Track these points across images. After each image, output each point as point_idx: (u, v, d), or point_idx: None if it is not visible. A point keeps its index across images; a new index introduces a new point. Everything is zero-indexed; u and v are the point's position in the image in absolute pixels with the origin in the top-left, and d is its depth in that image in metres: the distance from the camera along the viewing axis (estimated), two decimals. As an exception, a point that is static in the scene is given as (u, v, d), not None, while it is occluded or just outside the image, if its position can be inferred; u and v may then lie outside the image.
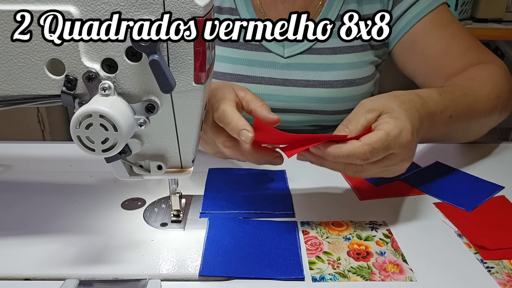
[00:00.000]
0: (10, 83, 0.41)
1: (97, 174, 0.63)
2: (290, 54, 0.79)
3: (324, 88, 0.79)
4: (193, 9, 0.38)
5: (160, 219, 0.54)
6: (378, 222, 0.55)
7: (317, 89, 0.78)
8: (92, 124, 0.38)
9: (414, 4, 0.77)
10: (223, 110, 0.52)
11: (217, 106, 0.53)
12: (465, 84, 0.67)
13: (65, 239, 0.50)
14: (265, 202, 0.58)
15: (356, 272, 0.47)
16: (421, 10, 0.77)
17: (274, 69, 0.79)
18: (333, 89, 0.79)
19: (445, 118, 0.60)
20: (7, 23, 0.39)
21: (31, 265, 0.46)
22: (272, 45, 0.79)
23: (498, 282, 0.46)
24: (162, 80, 0.38)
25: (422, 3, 0.77)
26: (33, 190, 0.60)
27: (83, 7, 0.38)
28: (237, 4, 0.79)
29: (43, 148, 0.73)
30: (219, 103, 0.53)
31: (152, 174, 0.48)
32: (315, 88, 0.78)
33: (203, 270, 0.46)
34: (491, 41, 2.02)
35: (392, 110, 0.51)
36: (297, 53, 0.79)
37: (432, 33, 0.77)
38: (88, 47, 0.40)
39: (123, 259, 0.47)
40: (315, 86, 0.79)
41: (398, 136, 0.49)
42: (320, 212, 0.57)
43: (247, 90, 0.57)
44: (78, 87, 0.41)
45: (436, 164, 0.69)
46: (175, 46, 0.40)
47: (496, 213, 0.57)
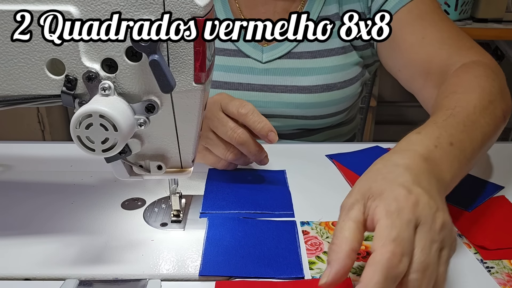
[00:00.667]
0: (10, 83, 0.41)
1: (97, 174, 0.63)
2: (269, 59, 0.78)
3: (302, 93, 0.77)
4: (193, 9, 0.38)
5: (160, 219, 0.54)
6: (378, 222, 0.55)
7: (296, 94, 0.77)
8: (92, 124, 0.38)
9: None
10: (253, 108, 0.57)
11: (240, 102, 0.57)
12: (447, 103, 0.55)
13: (65, 239, 0.50)
14: (265, 202, 0.58)
15: (356, 272, 0.47)
16: (398, 1, 0.73)
17: (252, 74, 0.78)
18: (312, 94, 0.77)
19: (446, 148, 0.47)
20: (7, 23, 0.39)
21: (31, 265, 0.46)
22: (250, 50, 0.78)
23: (498, 282, 0.46)
24: (162, 80, 0.38)
25: None
26: (33, 190, 0.60)
27: (83, 7, 0.38)
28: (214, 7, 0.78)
29: (43, 148, 0.73)
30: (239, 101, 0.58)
31: (152, 174, 0.48)
32: (294, 93, 0.77)
33: (203, 270, 0.46)
34: (491, 41, 2.02)
35: (372, 192, 0.40)
36: (275, 58, 0.78)
37: (408, 24, 0.72)
38: (88, 47, 0.40)
39: (123, 259, 0.47)
40: (293, 91, 0.77)
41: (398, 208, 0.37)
42: (320, 212, 0.57)
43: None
44: (78, 87, 0.41)
45: None
46: (175, 46, 0.40)
47: (496, 213, 0.57)
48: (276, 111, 0.79)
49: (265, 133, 0.57)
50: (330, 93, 0.78)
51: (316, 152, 0.73)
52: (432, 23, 0.71)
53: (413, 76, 0.72)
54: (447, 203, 0.43)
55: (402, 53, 0.73)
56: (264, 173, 0.65)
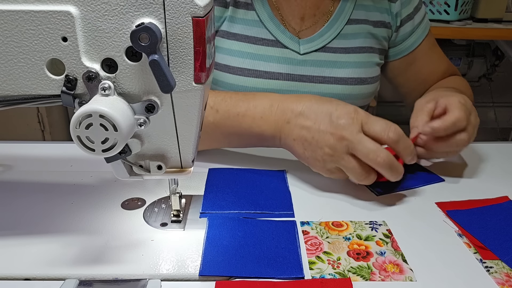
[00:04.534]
0: (10, 83, 0.41)
1: (97, 174, 0.63)
2: (306, 51, 0.80)
3: (339, 84, 0.81)
4: (193, 9, 0.38)
5: (160, 219, 0.54)
6: (378, 222, 0.55)
7: (333, 85, 0.81)
8: (92, 124, 0.38)
9: (418, 25, 0.87)
10: (401, 131, 0.57)
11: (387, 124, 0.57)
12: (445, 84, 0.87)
13: (65, 239, 0.50)
14: (265, 202, 0.58)
15: (356, 272, 0.47)
16: (422, 32, 0.87)
17: (291, 65, 0.80)
18: (348, 86, 0.81)
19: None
20: (7, 23, 0.39)
21: (31, 265, 0.46)
22: (288, 41, 0.80)
23: (497, 281, 0.46)
24: (162, 80, 0.38)
25: (423, 26, 0.87)
26: (33, 190, 0.60)
27: (83, 7, 0.38)
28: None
29: (43, 148, 0.73)
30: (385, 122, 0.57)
31: (152, 174, 0.48)
32: (331, 84, 0.81)
33: (203, 270, 0.46)
34: (491, 41, 2.02)
35: (441, 96, 0.64)
36: (312, 50, 0.80)
37: (427, 54, 0.89)
38: (88, 47, 0.40)
39: (123, 259, 0.47)
40: (330, 82, 0.81)
41: (466, 102, 0.64)
42: (320, 212, 0.57)
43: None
44: (78, 87, 0.41)
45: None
46: (175, 46, 0.40)
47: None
48: None
49: (411, 158, 0.59)
50: (362, 86, 0.83)
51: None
52: (439, 54, 0.92)
53: (419, 93, 0.89)
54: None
55: (418, 76, 0.90)
56: (264, 173, 0.65)
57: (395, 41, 0.87)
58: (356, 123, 0.56)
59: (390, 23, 0.84)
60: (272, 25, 0.79)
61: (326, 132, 0.57)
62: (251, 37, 0.79)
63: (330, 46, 0.81)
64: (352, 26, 0.82)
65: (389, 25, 0.85)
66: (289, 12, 0.81)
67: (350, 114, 0.57)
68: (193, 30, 0.39)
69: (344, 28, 0.81)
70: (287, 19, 0.81)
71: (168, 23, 0.39)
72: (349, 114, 0.57)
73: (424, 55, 0.89)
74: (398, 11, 0.84)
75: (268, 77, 0.79)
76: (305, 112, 0.60)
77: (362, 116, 0.57)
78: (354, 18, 0.82)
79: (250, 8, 0.79)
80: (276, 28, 0.79)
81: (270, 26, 0.79)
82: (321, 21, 0.81)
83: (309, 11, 0.82)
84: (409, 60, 0.89)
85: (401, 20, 0.85)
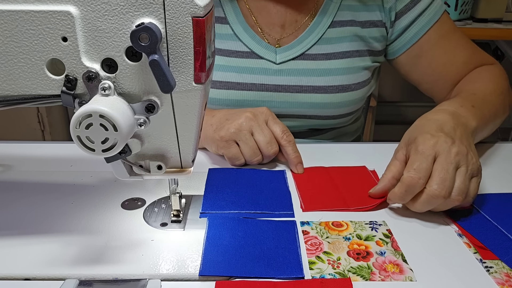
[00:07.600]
0: (10, 83, 0.41)
1: (97, 174, 0.63)
2: (282, 60, 0.78)
3: (318, 93, 0.78)
4: (193, 9, 0.38)
5: (160, 219, 0.54)
6: (378, 222, 0.55)
7: (311, 94, 0.78)
8: (92, 124, 0.38)
9: (420, 15, 0.80)
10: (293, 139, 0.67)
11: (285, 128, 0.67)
12: (468, 88, 0.75)
13: (65, 239, 0.50)
14: (265, 202, 0.58)
15: (356, 272, 0.47)
16: (427, 22, 0.80)
17: (265, 75, 0.78)
18: (328, 94, 0.78)
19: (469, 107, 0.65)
20: (7, 23, 0.39)
21: (31, 265, 0.46)
22: (263, 51, 0.78)
23: (497, 281, 0.46)
24: (162, 80, 0.38)
25: (428, 15, 0.80)
26: (33, 190, 0.60)
27: (83, 7, 0.38)
28: (226, 12, 0.79)
29: (43, 148, 0.73)
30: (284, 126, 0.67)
31: (152, 174, 0.48)
32: (309, 93, 0.78)
33: (203, 270, 0.46)
34: (491, 41, 2.02)
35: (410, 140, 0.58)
36: (289, 59, 0.79)
37: (437, 44, 0.81)
38: (88, 47, 0.40)
39: (123, 259, 0.47)
40: (309, 91, 0.78)
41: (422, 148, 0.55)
42: (320, 212, 0.57)
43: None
44: (78, 87, 0.41)
45: None
46: (175, 46, 0.40)
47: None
48: (290, 111, 0.79)
49: (296, 163, 0.66)
50: (345, 93, 0.80)
51: (316, 152, 0.73)
52: (458, 42, 0.82)
53: (441, 88, 0.83)
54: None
55: (432, 69, 0.82)
56: (264, 173, 0.65)
57: (391, 37, 0.82)
58: (263, 115, 0.66)
59: (382, 21, 0.80)
60: (246, 37, 0.78)
61: (242, 113, 0.66)
62: (224, 50, 0.78)
63: (310, 53, 0.79)
64: (336, 30, 0.79)
65: (381, 23, 0.80)
66: (269, 21, 0.79)
67: (258, 109, 0.67)
68: (193, 30, 0.39)
69: (326, 32, 0.79)
70: (266, 29, 0.79)
71: (168, 23, 0.39)
72: (256, 110, 0.67)
73: (433, 45, 0.81)
74: (392, 5, 0.79)
75: (240, 88, 0.78)
76: (217, 114, 0.70)
77: (270, 113, 0.67)
78: (338, 20, 0.79)
79: (224, 22, 0.79)
80: (251, 39, 0.78)
81: (244, 38, 0.78)
82: (303, 27, 0.79)
83: (289, 18, 0.80)
84: (414, 52, 0.82)
85: (396, 13, 0.80)
